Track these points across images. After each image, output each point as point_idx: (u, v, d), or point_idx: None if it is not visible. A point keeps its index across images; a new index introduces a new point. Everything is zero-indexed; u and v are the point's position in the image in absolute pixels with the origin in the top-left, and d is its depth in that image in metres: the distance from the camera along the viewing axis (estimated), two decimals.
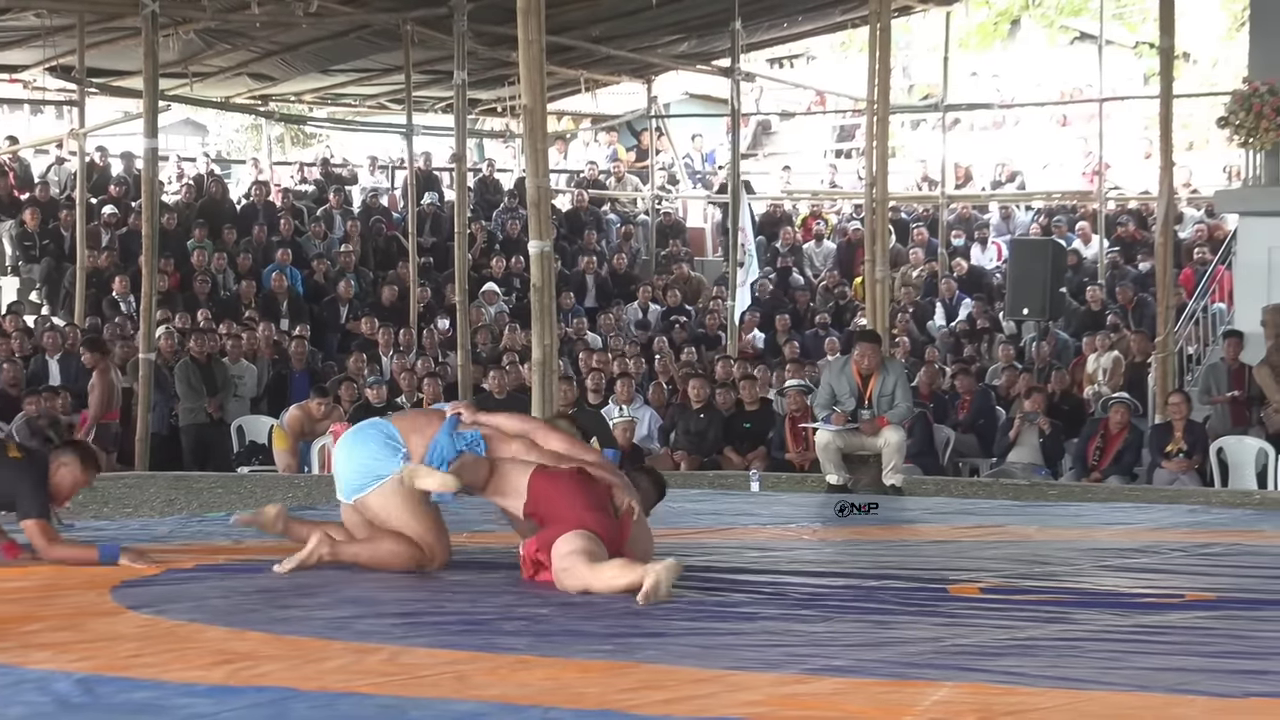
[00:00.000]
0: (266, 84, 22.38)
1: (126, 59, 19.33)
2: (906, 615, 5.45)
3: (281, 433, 14.25)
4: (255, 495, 10.72)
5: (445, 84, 20.60)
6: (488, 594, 5.94)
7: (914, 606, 5.64)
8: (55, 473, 6.51)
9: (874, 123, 14.50)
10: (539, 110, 11.16)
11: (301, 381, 16.23)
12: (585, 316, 19.88)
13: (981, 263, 22.41)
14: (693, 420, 14.89)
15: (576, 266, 21.44)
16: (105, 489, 11.09)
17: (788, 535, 8.55)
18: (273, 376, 16.34)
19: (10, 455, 6.59)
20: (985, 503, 10.93)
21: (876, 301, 14.30)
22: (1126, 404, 14.17)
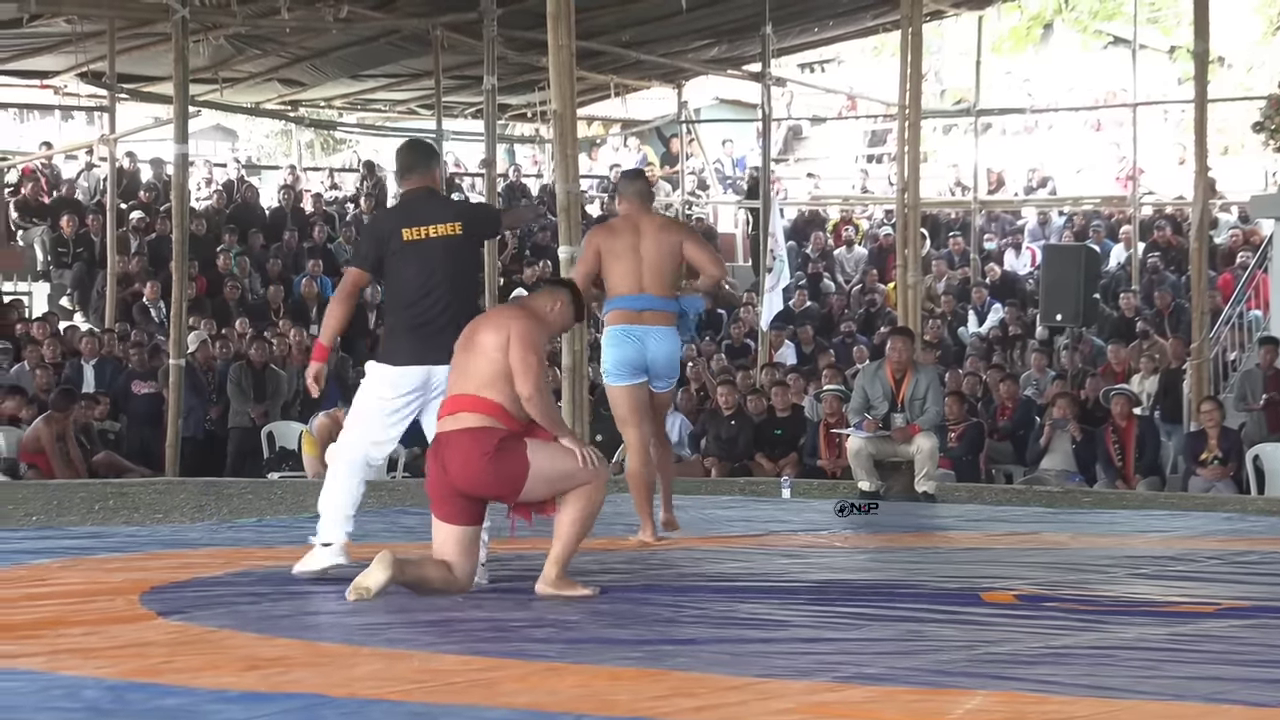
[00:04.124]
0: (296, 89, 22.44)
1: (157, 64, 19.39)
2: (939, 623, 5.43)
3: (311, 439, 14.27)
4: (285, 501, 10.75)
5: (475, 89, 20.61)
6: (518, 600, 5.94)
7: (947, 614, 5.62)
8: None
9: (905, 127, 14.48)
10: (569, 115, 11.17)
11: (331, 388, 16.26)
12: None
13: (1015, 268, 22.35)
14: (723, 426, 14.87)
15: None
16: (135, 494, 11.15)
17: (819, 542, 8.53)
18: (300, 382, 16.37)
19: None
20: (1018, 509, 10.89)
21: (908, 307, 14.26)
22: (1125, 394, 14.20)
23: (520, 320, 6.03)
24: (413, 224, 6.51)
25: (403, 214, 6.65)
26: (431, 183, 6.68)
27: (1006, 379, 15.89)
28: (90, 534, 8.50)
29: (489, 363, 5.95)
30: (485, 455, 5.87)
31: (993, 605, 5.86)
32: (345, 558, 6.54)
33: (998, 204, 24.44)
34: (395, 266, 6.53)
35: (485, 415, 5.91)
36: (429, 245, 6.48)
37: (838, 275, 22.84)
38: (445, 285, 6.48)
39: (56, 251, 19.53)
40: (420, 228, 6.48)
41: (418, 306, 6.49)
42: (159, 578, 6.48)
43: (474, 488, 5.95)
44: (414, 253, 6.48)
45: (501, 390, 5.93)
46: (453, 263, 6.52)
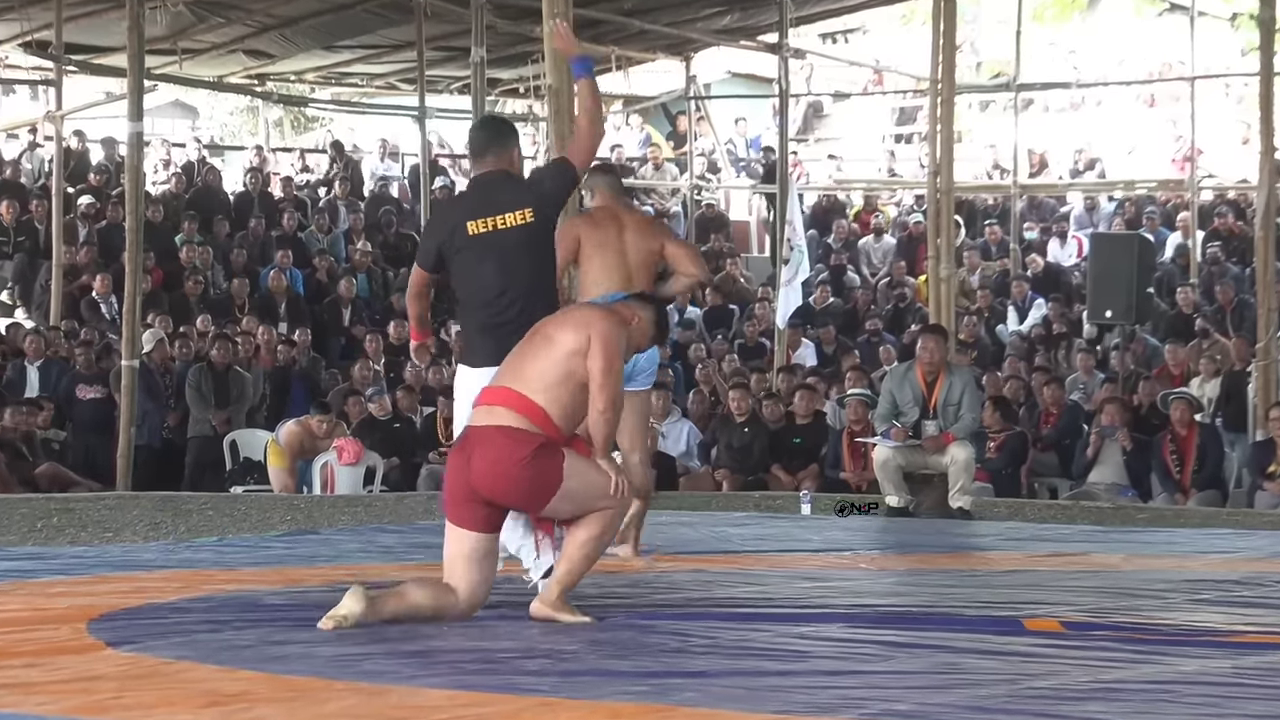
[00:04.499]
0: (264, 62, 22.45)
1: (109, 33, 19.40)
2: (977, 654, 5.41)
3: (278, 449, 14.29)
4: (250, 518, 10.74)
5: (462, 62, 20.63)
6: (508, 628, 5.92)
7: (985, 644, 5.60)
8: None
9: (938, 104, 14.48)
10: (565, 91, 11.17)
11: (298, 391, 16.27)
12: None
13: (1059, 259, 22.34)
14: (736, 435, 14.86)
15: None
16: (82, 510, 11.14)
17: (843, 563, 8.51)
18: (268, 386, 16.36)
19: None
20: (1064, 528, 10.89)
21: (941, 302, 14.26)
22: (1186, 399, 14.19)
23: (606, 324, 5.92)
24: (480, 215, 6.43)
25: (469, 204, 6.59)
26: (509, 165, 6.58)
27: (1050, 382, 15.88)
28: (31, 555, 8.49)
29: (555, 364, 5.87)
30: (520, 461, 5.79)
31: (1036, 634, 5.84)
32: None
33: (1040, 188, 24.43)
34: (463, 263, 6.49)
35: (527, 418, 5.83)
36: (500, 238, 6.43)
37: (863, 267, 22.84)
38: (522, 281, 6.41)
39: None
40: (488, 219, 6.40)
41: (493, 306, 6.45)
42: (108, 603, 6.46)
43: (497, 493, 5.88)
44: (482, 247, 6.43)
45: (557, 396, 5.85)
46: (528, 254, 6.46)
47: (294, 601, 6.65)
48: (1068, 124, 27.27)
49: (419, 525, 10.40)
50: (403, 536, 9.58)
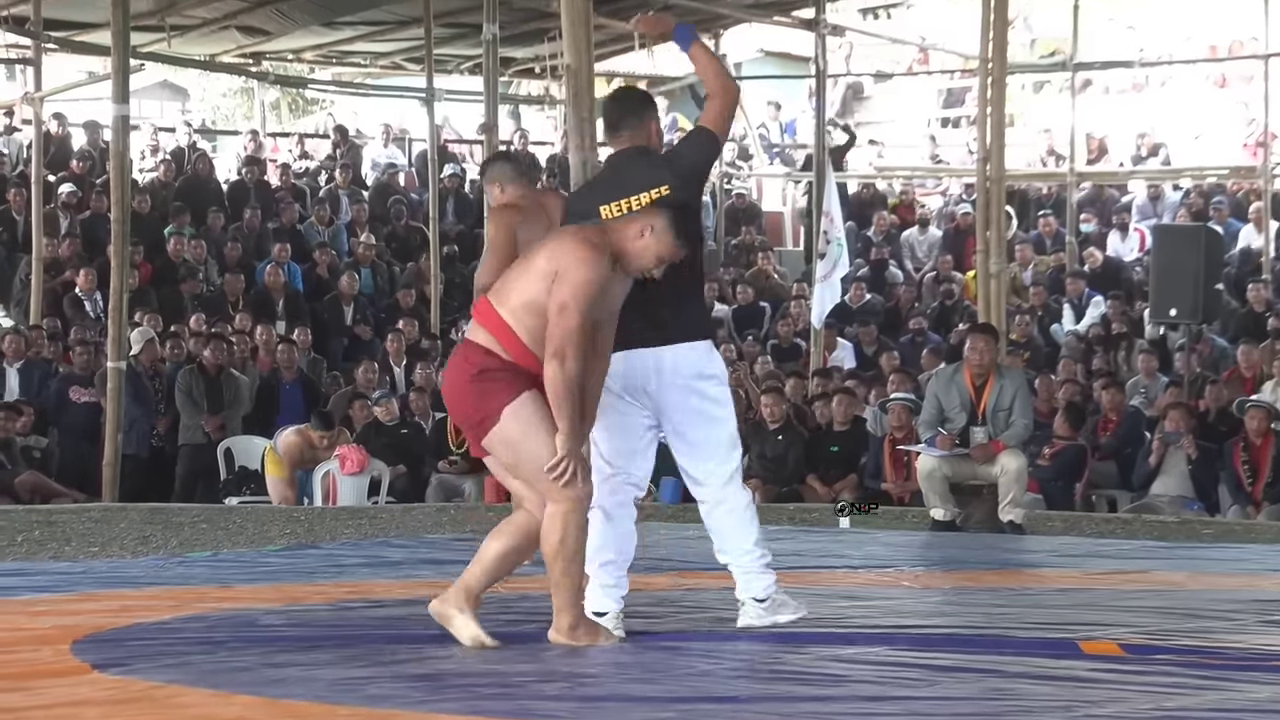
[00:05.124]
0: (259, 40, 22.49)
1: (91, 9, 19.43)
2: (1029, 678, 5.42)
3: (276, 458, 14.33)
4: (246, 531, 10.79)
5: (473, 40, 20.64)
6: (524, 649, 5.95)
7: (1038, 668, 5.61)
8: None
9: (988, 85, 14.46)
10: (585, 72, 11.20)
11: (293, 395, 16.28)
12: None
13: (1120, 253, 22.31)
14: (769, 442, 14.88)
15: None
16: (66, 523, 11.19)
17: (884, 581, 8.52)
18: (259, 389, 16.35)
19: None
20: (1124, 543, 10.88)
21: (991, 300, 14.26)
22: (1264, 408, 14.16)
23: (580, 256, 5.87)
24: (614, 197, 6.41)
25: (603, 187, 6.56)
26: (645, 140, 6.55)
27: (1109, 386, 15.87)
28: (12, 570, 8.54)
29: (525, 288, 5.91)
30: (466, 377, 5.95)
31: (1093, 658, 5.85)
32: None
33: (1099, 176, 24.39)
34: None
35: (496, 338, 5.91)
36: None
37: (906, 262, 22.83)
38: (666, 271, 6.29)
39: None
40: (622, 201, 6.39)
41: (631, 298, 6.35)
42: (94, 623, 6.50)
43: (450, 407, 6.19)
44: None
45: (523, 319, 5.90)
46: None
47: (294, 621, 6.69)
48: (1129, 106, 27.21)
49: (427, 539, 10.43)
50: (410, 551, 9.62)
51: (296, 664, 5.64)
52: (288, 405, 16.08)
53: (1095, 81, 27.46)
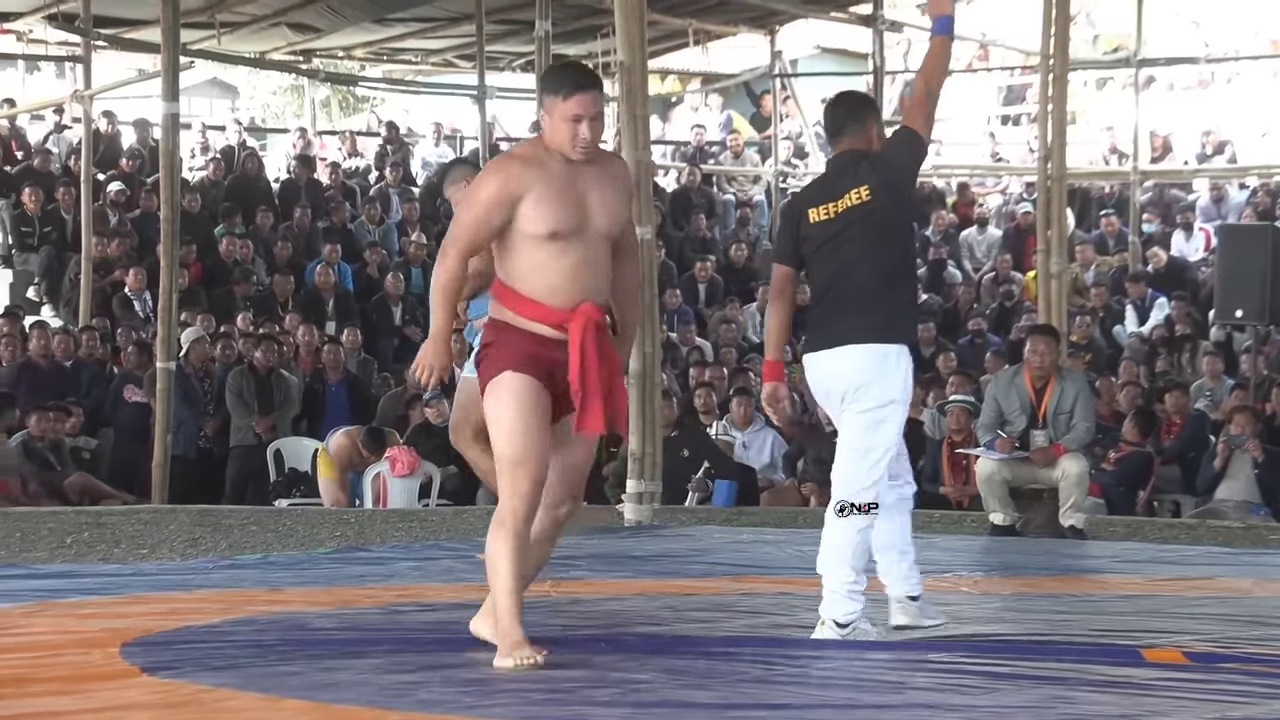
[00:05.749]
0: (309, 36, 22.59)
1: (141, 6, 19.57)
2: (1090, 686, 5.41)
3: (328, 459, 14.37)
4: (296, 533, 10.82)
5: (525, 36, 20.70)
6: (576, 653, 5.96)
7: (1099, 675, 5.60)
8: None
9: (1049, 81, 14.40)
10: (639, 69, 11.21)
11: (338, 396, 16.30)
12: (694, 320, 19.89)
13: (1185, 253, 22.20)
14: (825, 445, 14.84)
15: (684, 258, 21.46)
16: (116, 525, 11.25)
17: (942, 586, 8.50)
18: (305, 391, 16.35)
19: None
20: (1188, 549, 10.82)
21: (1052, 301, 14.20)
22: None
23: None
24: (822, 200, 6.45)
25: (814, 190, 6.60)
26: (865, 144, 6.55)
27: (1173, 389, 15.79)
28: (61, 573, 8.58)
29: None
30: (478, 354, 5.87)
31: (1156, 666, 5.83)
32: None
33: (1163, 175, 24.26)
34: (809, 254, 6.50)
35: (498, 301, 5.73)
36: (838, 223, 6.42)
37: (964, 262, 22.76)
38: (861, 270, 6.39)
39: (20, 231, 19.70)
40: (830, 204, 6.42)
41: (829, 297, 6.44)
42: (143, 626, 6.53)
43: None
44: (822, 235, 6.43)
45: (505, 266, 5.70)
46: (867, 239, 6.41)
47: (344, 624, 6.72)
48: (1194, 103, 27.06)
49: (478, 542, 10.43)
50: (461, 554, 9.64)
51: (347, 668, 5.66)
52: (333, 407, 16.11)
53: (1159, 78, 27.31)
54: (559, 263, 5.57)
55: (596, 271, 5.64)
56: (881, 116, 6.81)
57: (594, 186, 5.63)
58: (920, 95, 6.67)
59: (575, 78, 5.63)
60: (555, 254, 5.57)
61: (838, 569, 6.43)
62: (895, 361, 6.42)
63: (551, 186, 5.56)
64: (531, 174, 5.58)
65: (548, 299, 5.58)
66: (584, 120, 5.56)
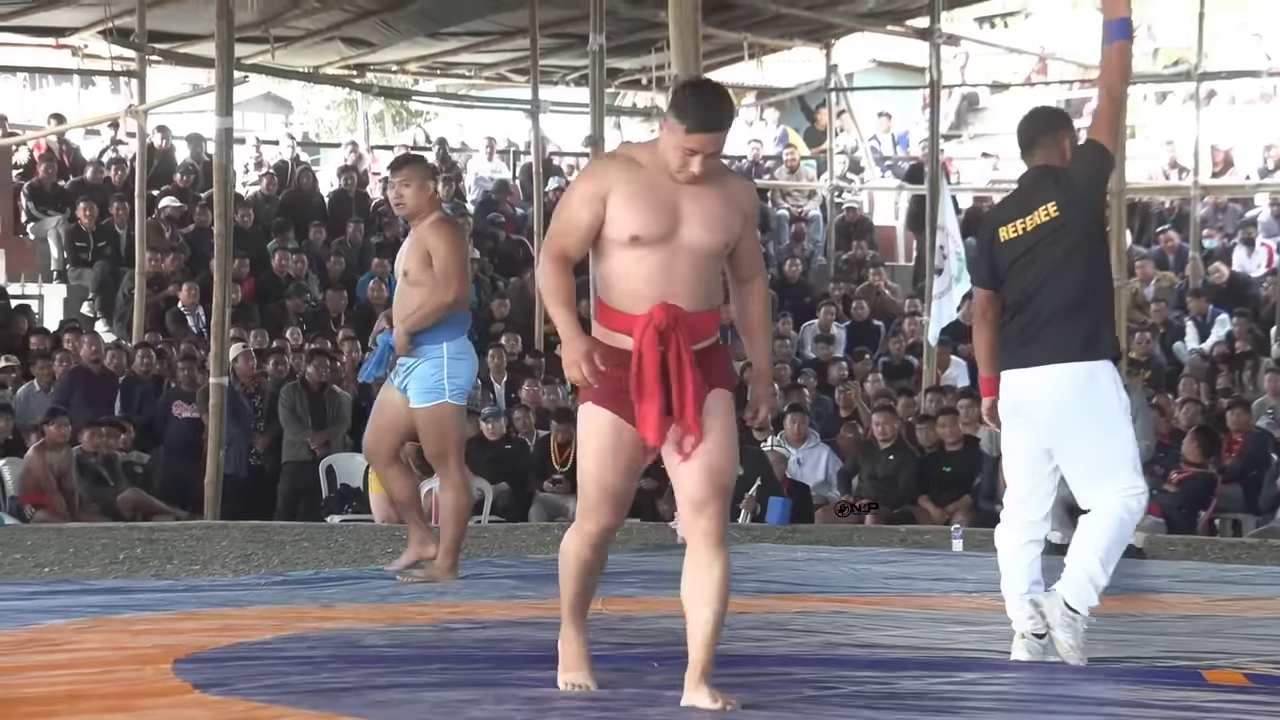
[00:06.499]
0: (363, 51, 22.69)
1: (195, 20, 19.67)
2: (1149, 708, 5.38)
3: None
4: (348, 550, 10.86)
5: (579, 50, 20.72)
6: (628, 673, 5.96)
7: (1158, 698, 5.57)
8: None
9: None
10: None
11: None
12: None
13: (1246, 269, 22.09)
14: (880, 462, 14.83)
15: None
16: (168, 541, 11.31)
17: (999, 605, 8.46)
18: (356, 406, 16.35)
19: None
20: (1250, 568, 10.77)
21: None
22: None
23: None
24: (1013, 218, 6.45)
25: (1006, 208, 6.58)
26: (1058, 158, 6.53)
27: (1235, 407, 15.71)
28: (114, 588, 8.63)
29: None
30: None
31: (1217, 687, 5.80)
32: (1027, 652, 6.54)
33: (1224, 190, 24.14)
34: (1002, 272, 6.49)
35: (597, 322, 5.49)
36: (1028, 240, 6.40)
37: None
38: (1051, 286, 6.36)
39: (74, 247, 19.83)
40: (1021, 221, 6.42)
41: (1020, 319, 6.43)
42: (196, 642, 6.56)
43: None
44: (1013, 253, 6.42)
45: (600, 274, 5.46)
46: (1057, 255, 6.39)
47: (396, 641, 6.73)
48: (1256, 117, 26.95)
49: (530, 559, 10.47)
50: (513, 570, 9.65)
51: (399, 685, 5.67)
52: None
53: (1220, 91, 27.20)
54: (639, 268, 5.31)
55: (682, 284, 5.31)
56: (1074, 129, 6.73)
57: (693, 197, 5.33)
58: (1104, 106, 6.66)
59: (702, 115, 5.26)
60: (636, 260, 5.31)
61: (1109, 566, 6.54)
62: (1103, 378, 6.41)
63: (640, 189, 5.31)
64: (623, 174, 5.34)
65: (629, 307, 5.32)
66: (697, 156, 5.26)
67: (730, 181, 5.49)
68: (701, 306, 5.34)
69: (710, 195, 5.34)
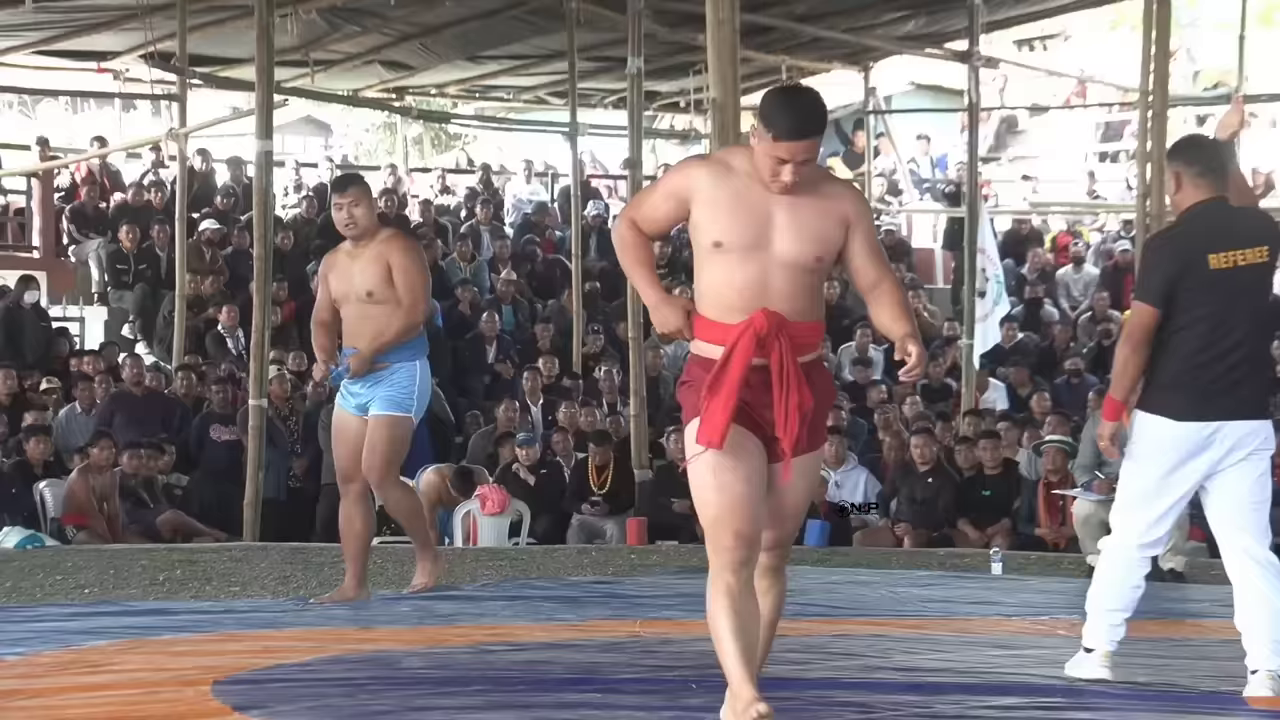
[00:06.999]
0: (402, 74, 22.77)
1: (236, 44, 19.77)
2: None
3: None
4: (386, 572, 10.86)
5: (617, 73, 20.79)
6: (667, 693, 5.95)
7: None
8: None
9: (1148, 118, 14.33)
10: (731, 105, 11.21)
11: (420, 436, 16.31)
12: None
13: None
14: (919, 485, 14.79)
15: None
16: (207, 563, 11.33)
17: (1038, 629, 8.44)
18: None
19: None
20: None
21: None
22: None
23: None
24: (1225, 247, 6.35)
25: (1211, 234, 6.41)
26: (1233, 193, 6.49)
27: None
28: (154, 610, 8.65)
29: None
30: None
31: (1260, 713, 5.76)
32: (1109, 670, 6.54)
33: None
34: (1190, 301, 6.38)
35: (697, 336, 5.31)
36: (1239, 276, 6.36)
37: (1061, 300, 22.62)
38: (1247, 326, 6.32)
39: (115, 269, 19.91)
40: (1233, 253, 6.34)
41: (1211, 351, 6.34)
42: (235, 664, 6.58)
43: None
44: (1221, 285, 6.36)
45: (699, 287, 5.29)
46: (1260, 299, 6.41)
47: (434, 663, 6.73)
48: None
49: (568, 580, 10.47)
50: (552, 592, 9.65)
51: (437, 707, 5.67)
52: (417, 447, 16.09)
53: (1262, 115, 27.11)
54: (734, 278, 5.11)
55: (779, 296, 5.10)
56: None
57: (786, 207, 5.12)
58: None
59: (793, 123, 5.07)
60: (728, 269, 5.11)
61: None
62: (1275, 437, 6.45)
63: (726, 195, 5.12)
64: (711, 178, 5.16)
65: (722, 316, 5.13)
66: (789, 164, 5.07)
67: (829, 190, 5.25)
68: (802, 319, 5.16)
69: (804, 206, 5.15)
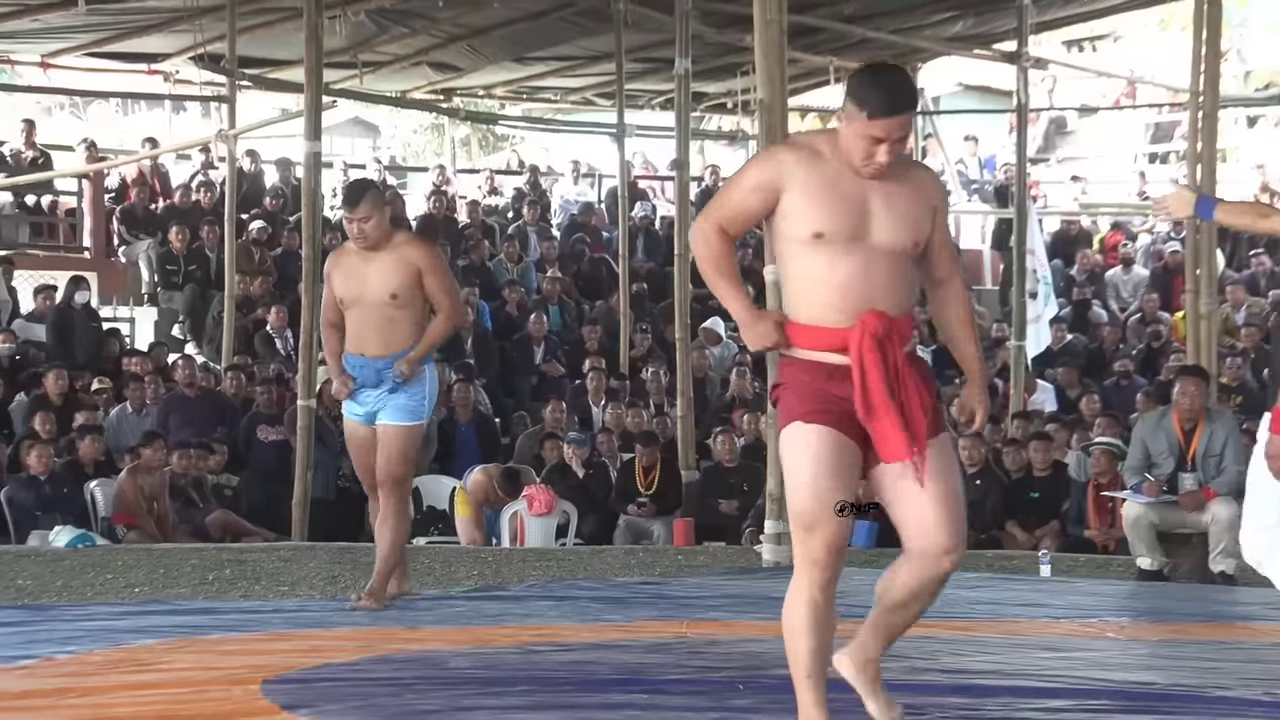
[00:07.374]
0: (450, 76, 22.81)
1: (285, 46, 19.85)
2: None
3: (465, 497, 14.44)
4: (434, 572, 10.89)
5: (664, 75, 20.78)
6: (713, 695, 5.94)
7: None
8: None
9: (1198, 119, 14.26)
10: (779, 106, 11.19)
11: (468, 437, 16.34)
12: None
13: None
14: (967, 487, 14.72)
15: None
16: (256, 562, 11.37)
17: (1088, 632, 8.41)
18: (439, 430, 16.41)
19: None
20: None
21: (1200, 342, 14.04)
22: None
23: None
24: None
25: None
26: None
27: None
28: (203, 609, 8.68)
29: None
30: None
31: None
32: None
33: None
34: None
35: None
36: None
37: (1110, 302, 22.54)
38: None
39: (165, 270, 19.99)
40: None
41: None
42: (284, 663, 6.59)
43: None
44: None
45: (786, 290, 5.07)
46: None
47: (481, 663, 6.74)
48: None
49: (615, 581, 10.47)
50: (598, 592, 9.65)
51: (484, 707, 5.67)
52: (463, 448, 16.15)
53: None
54: (832, 274, 4.88)
55: (883, 290, 4.91)
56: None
57: (880, 191, 4.92)
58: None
59: (887, 99, 4.87)
60: (826, 264, 4.87)
61: None
62: None
63: (820, 182, 4.90)
64: (802, 167, 4.92)
65: (824, 319, 4.90)
66: (884, 144, 4.88)
67: (916, 174, 5.11)
68: (903, 312, 4.98)
69: (898, 191, 4.96)
